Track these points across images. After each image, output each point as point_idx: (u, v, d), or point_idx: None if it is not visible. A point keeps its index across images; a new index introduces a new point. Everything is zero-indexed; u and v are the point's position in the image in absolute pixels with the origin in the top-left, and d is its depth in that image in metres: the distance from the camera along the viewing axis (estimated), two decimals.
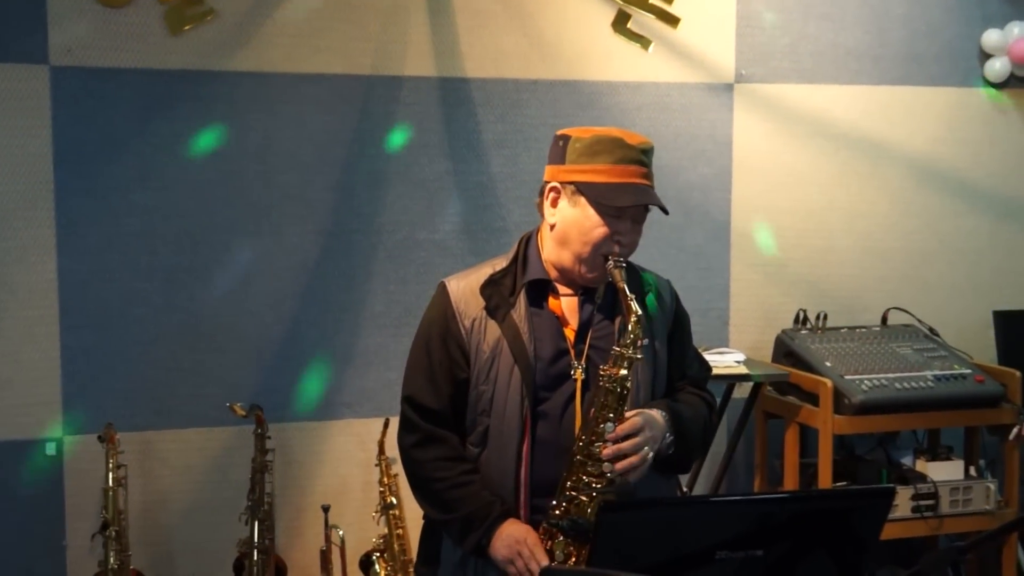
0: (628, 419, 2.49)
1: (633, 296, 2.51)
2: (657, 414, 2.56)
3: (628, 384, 2.49)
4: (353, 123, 4.14)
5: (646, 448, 2.48)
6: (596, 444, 2.48)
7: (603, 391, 2.50)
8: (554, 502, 2.51)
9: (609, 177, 2.53)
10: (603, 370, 2.50)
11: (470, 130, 4.26)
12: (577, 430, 2.53)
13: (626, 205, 2.53)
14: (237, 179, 4.06)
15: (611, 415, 2.48)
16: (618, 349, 2.51)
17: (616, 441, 2.46)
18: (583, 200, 2.55)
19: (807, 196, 4.60)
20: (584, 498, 2.48)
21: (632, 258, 2.76)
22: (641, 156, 2.56)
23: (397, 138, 4.19)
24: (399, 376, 4.15)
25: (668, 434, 2.57)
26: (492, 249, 4.19)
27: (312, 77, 4.09)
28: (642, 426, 2.49)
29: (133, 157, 3.96)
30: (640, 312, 2.51)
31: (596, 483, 2.48)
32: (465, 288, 2.63)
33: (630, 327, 2.50)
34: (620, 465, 2.46)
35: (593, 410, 2.50)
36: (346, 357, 4.20)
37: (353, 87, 4.13)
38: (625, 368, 2.49)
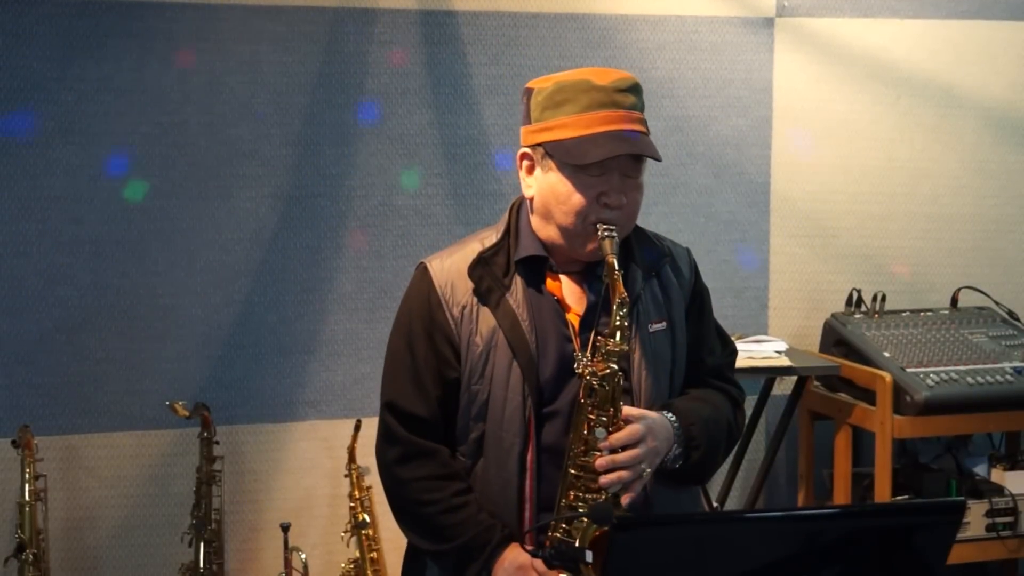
0: (627, 426, 2.46)
1: (621, 272, 2.47)
2: (664, 420, 2.54)
3: (618, 381, 2.47)
4: (317, 65, 4.13)
5: (643, 464, 2.46)
6: (591, 454, 2.46)
7: (588, 390, 2.48)
8: (552, 523, 2.50)
9: (576, 130, 2.49)
10: (586, 366, 2.48)
11: (458, 74, 4.25)
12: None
13: (591, 162, 2.48)
14: (178, 132, 4.05)
15: (604, 418, 2.47)
16: (601, 339, 2.49)
17: (611, 451, 2.44)
18: (553, 164, 2.53)
19: (862, 153, 4.59)
20: (585, 520, 2.46)
21: (654, 227, 2.75)
22: (615, 96, 2.51)
23: (370, 84, 4.18)
24: (372, 369, 4.14)
25: (676, 446, 2.56)
26: (485, 217, 4.18)
27: (267, 9, 4.08)
28: (643, 435, 2.47)
29: (53, 106, 3.95)
30: (626, 293, 2.47)
31: (596, 501, 2.46)
32: (451, 269, 2.61)
33: (613, 312, 2.47)
34: (607, 479, 2.43)
35: (580, 412, 2.48)
36: (309, 347, 4.20)
37: (316, 21, 4.12)
38: (613, 363, 2.46)
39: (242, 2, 4.06)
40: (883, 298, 4.43)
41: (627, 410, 2.49)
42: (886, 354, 4.18)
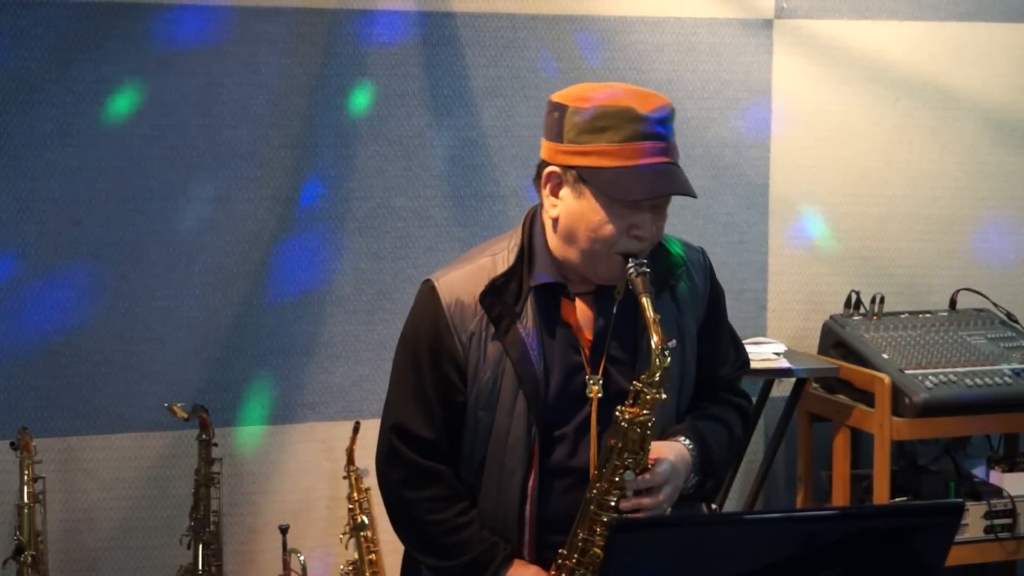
0: (652, 468, 2.47)
1: (658, 317, 2.42)
2: (684, 452, 2.55)
3: (651, 425, 2.45)
4: (315, 67, 4.13)
5: (665, 504, 2.50)
6: (614, 493, 2.46)
7: (620, 432, 2.46)
8: (564, 551, 2.51)
9: (618, 160, 2.43)
10: (620, 411, 2.46)
11: (456, 76, 4.26)
12: (592, 473, 2.51)
13: (641, 199, 2.44)
14: (176, 134, 4.06)
15: (630, 460, 2.45)
16: (639, 385, 2.46)
17: (637, 491, 2.46)
18: (588, 191, 2.47)
19: (861, 154, 4.60)
20: (598, 550, 2.47)
21: None
22: (658, 128, 2.45)
23: (368, 86, 4.19)
24: (371, 371, 4.13)
25: (692, 475, 2.58)
26: (483, 218, 4.19)
27: (266, 11, 4.08)
28: (668, 478, 2.48)
29: (51, 108, 3.95)
30: (658, 338, 2.41)
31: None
32: (460, 290, 2.57)
33: (655, 361, 2.43)
34: (628, 505, 2.46)
35: (611, 456, 2.48)
36: (308, 349, 4.20)
37: (315, 23, 4.12)
38: (648, 409, 2.45)
39: (241, 4, 4.06)
40: (882, 300, 4.43)
41: (654, 447, 2.49)
42: (885, 356, 4.18)
